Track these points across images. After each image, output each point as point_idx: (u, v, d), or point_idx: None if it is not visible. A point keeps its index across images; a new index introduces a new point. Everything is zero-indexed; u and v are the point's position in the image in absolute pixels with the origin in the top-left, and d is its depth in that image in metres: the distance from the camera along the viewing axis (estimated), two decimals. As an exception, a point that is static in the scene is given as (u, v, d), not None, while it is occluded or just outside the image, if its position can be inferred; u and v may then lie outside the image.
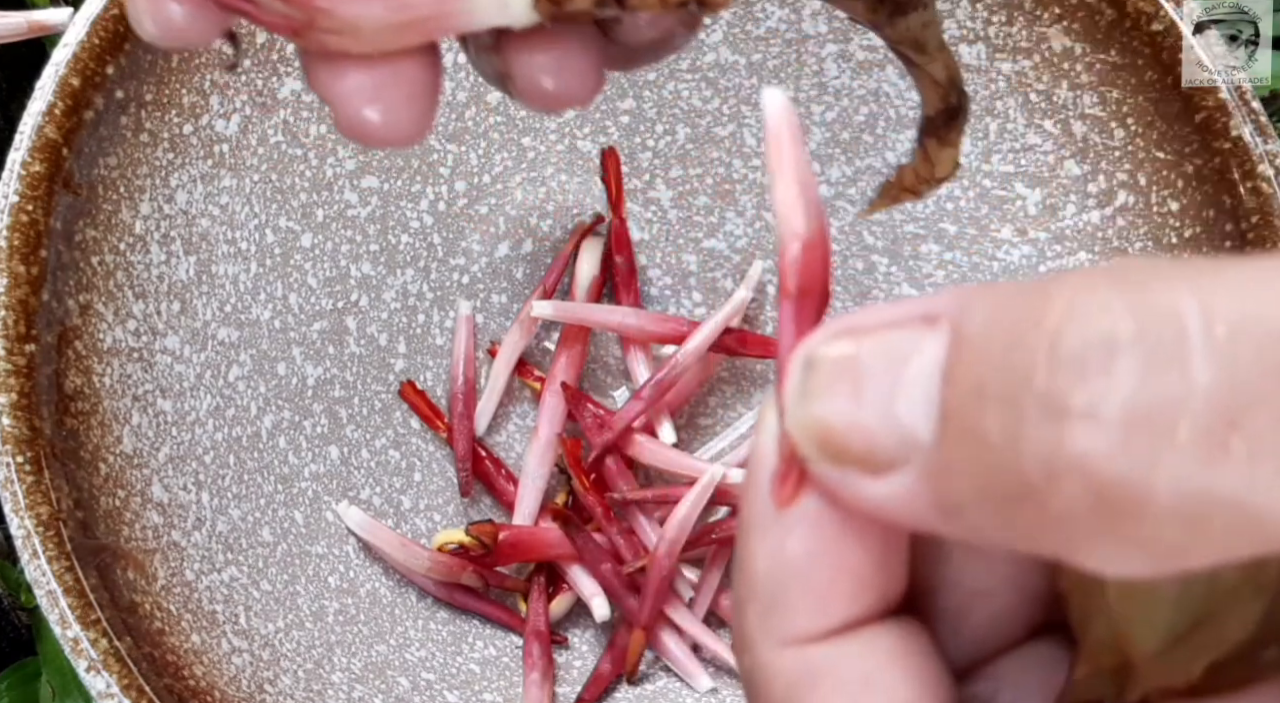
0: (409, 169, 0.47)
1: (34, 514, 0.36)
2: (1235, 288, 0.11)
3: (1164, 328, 0.11)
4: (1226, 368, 0.11)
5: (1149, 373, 0.11)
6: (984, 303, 0.13)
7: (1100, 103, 0.45)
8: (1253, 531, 0.11)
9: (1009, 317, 0.13)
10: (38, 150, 0.38)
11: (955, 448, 0.13)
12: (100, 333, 0.40)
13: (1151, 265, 0.12)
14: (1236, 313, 0.11)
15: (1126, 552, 0.12)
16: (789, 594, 0.15)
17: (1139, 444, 0.11)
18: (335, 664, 0.42)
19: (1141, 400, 0.11)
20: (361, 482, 0.46)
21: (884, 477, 0.14)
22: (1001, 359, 0.12)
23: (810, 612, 0.15)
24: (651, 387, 0.46)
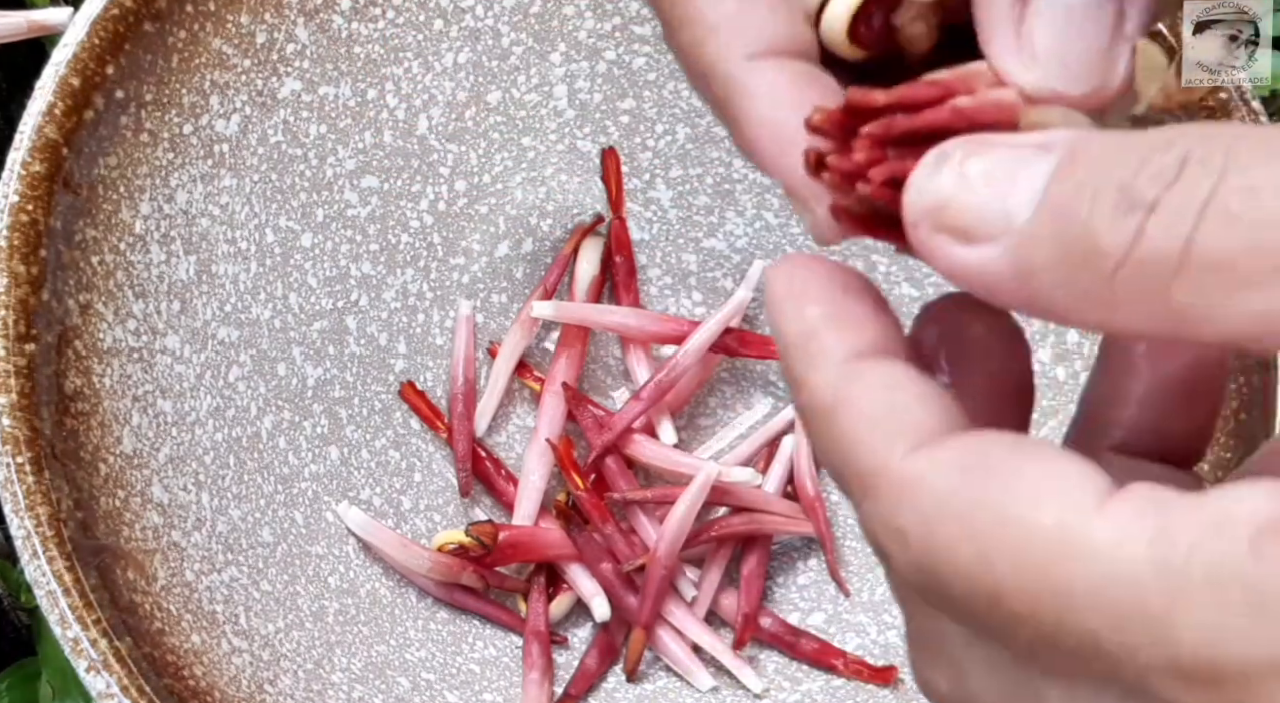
0: (409, 169, 0.47)
1: (34, 514, 0.36)
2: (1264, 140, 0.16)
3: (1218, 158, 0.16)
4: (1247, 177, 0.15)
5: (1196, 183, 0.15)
6: (1099, 136, 0.17)
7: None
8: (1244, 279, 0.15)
9: (1116, 144, 0.17)
10: (38, 150, 0.38)
11: (1047, 224, 0.17)
12: (100, 333, 0.40)
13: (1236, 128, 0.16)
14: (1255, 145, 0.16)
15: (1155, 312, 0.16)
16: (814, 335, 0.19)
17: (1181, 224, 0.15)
18: (335, 664, 0.42)
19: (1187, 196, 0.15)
20: (361, 482, 0.46)
21: (976, 246, 0.17)
22: (1106, 164, 0.16)
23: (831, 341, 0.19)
24: (651, 387, 0.46)
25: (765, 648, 0.45)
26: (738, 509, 0.46)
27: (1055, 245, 0.17)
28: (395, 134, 0.47)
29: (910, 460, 0.17)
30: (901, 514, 0.17)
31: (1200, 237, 0.15)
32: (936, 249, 0.18)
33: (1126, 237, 0.16)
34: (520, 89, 0.48)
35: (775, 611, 0.46)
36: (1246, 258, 0.15)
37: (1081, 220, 0.16)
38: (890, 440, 0.18)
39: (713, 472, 0.44)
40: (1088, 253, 0.16)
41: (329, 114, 0.45)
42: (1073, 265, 0.16)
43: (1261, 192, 0.15)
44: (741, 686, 0.44)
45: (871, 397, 0.18)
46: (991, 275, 0.17)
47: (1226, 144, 0.16)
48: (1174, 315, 0.16)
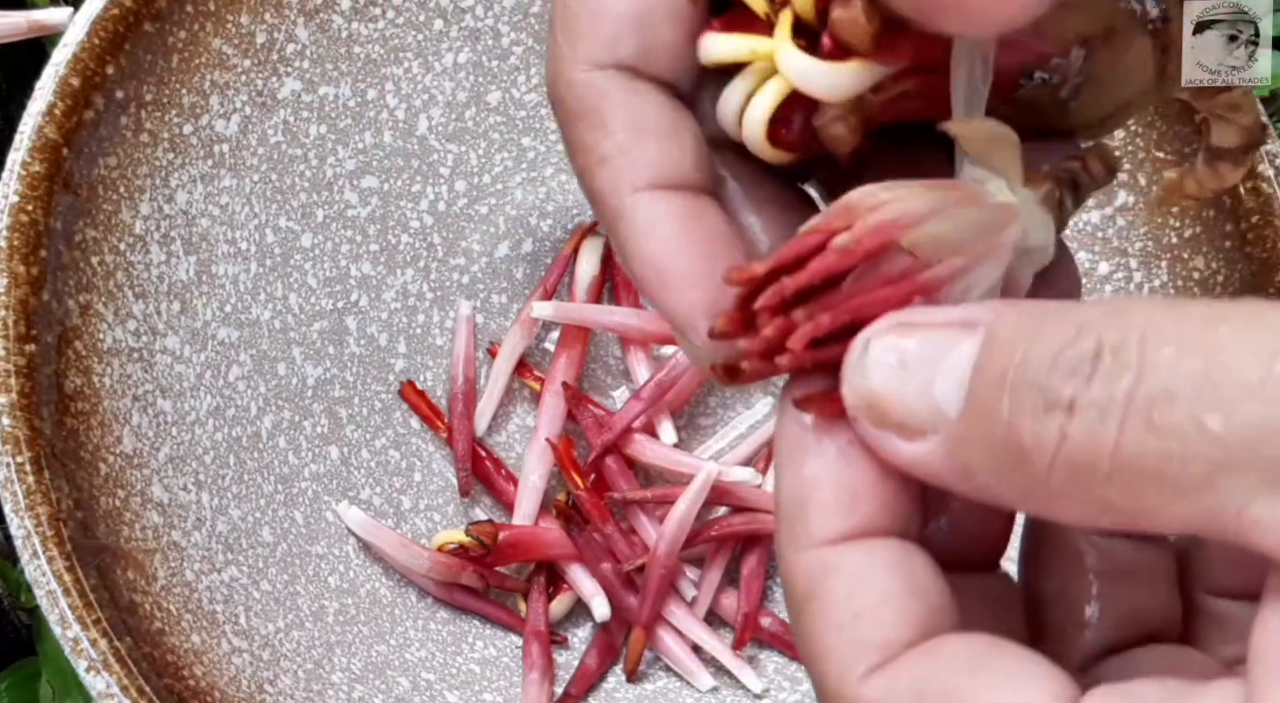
0: (409, 169, 0.47)
1: (34, 514, 0.36)
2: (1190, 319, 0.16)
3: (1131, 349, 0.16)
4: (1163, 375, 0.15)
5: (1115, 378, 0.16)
6: (1015, 315, 0.17)
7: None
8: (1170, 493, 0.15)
9: (1032, 328, 0.17)
10: (38, 150, 0.38)
11: (975, 423, 0.17)
12: (100, 333, 0.40)
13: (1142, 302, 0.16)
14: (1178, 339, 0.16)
15: (1087, 510, 0.16)
16: (808, 506, 0.18)
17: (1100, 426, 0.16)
18: (335, 664, 0.42)
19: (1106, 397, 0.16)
20: (361, 482, 0.46)
21: (915, 440, 0.18)
22: (1020, 359, 0.16)
23: (823, 519, 0.18)
24: (651, 387, 0.46)
25: (765, 648, 0.46)
26: (738, 509, 0.46)
27: (985, 445, 0.17)
28: (395, 134, 0.47)
29: (865, 687, 0.17)
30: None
31: (1124, 443, 0.16)
32: (879, 444, 0.18)
33: (1050, 440, 0.16)
34: (520, 89, 0.48)
35: (775, 610, 0.46)
36: (1174, 464, 0.15)
37: (1005, 421, 0.16)
38: (850, 658, 0.17)
39: (713, 472, 0.44)
40: (1016, 455, 0.16)
41: (329, 114, 0.45)
42: (1005, 465, 0.17)
43: (1179, 399, 0.15)
44: (741, 686, 0.44)
45: (842, 599, 0.18)
46: (935, 470, 0.18)
47: (1140, 332, 0.16)
48: (1113, 511, 0.16)
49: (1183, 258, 0.44)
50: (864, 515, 0.18)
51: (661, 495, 0.45)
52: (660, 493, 0.45)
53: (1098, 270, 0.45)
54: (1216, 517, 0.15)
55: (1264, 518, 0.15)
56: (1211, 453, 0.15)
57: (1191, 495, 0.15)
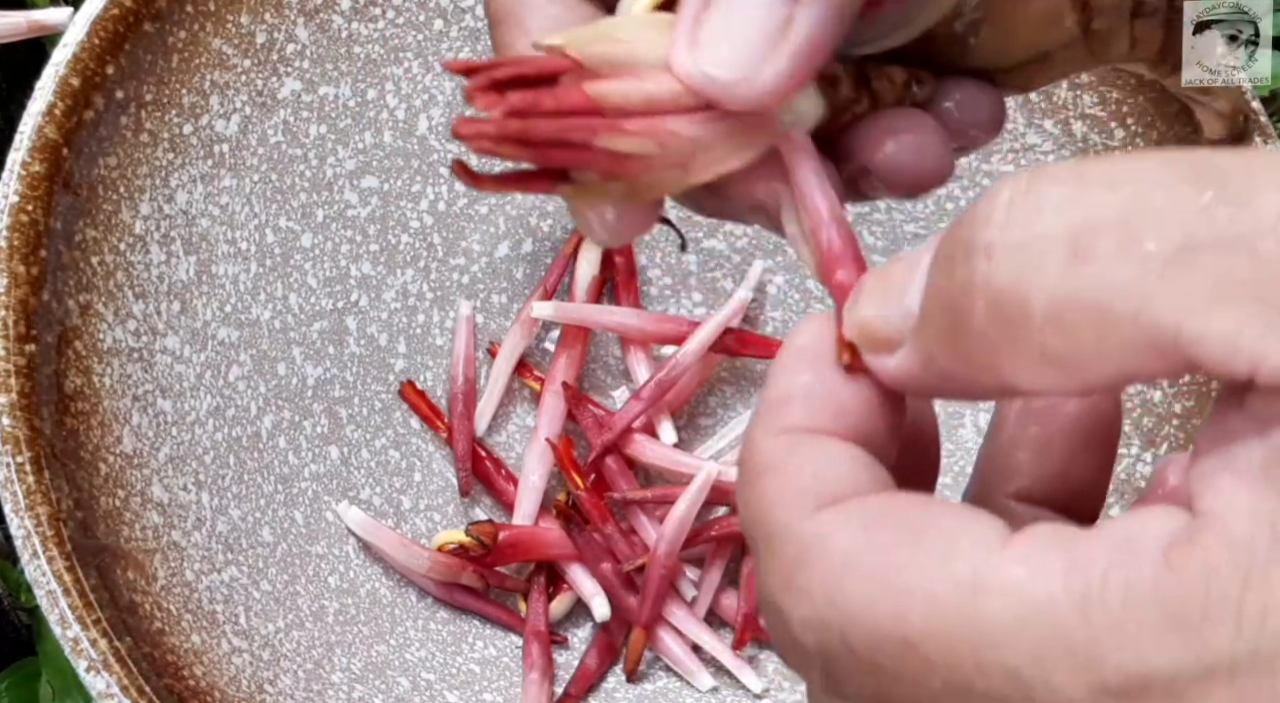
0: (409, 169, 0.47)
1: (34, 514, 0.36)
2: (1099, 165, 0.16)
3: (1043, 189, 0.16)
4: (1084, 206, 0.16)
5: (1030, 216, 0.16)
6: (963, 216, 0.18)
7: (1100, 103, 0.45)
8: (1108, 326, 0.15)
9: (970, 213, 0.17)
10: (38, 150, 0.38)
11: (927, 304, 0.17)
12: (100, 333, 0.40)
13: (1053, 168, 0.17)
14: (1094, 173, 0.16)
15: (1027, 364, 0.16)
16: (790, 400, 0.19)
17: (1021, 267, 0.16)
18: (335, 664, 0.42)
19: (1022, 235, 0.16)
20: (361, 482, 0.46)
21: (895, 352, 0.18)
22: (953, 234, 0.17)
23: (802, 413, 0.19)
24: (651, 387, 0.46)
25: (765, 648, 0.45)
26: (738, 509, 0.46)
27: (934, 322, 0.17)
28: (395, 134, 0.47)
29: (814, 519, 0.18)
30: (803, 571, 0.17)
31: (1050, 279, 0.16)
32: (874, 367, 0.19)
33: (975, 287, 0.16)
34: (520, 89, 0.48)
35: (775, 611, 0.46)
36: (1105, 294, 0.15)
37: (942, 288, 0.17)
38: (801, 502, 0.18)
39: (713, 472, 0.44)
40: (955, 318, 0.17)
41: (329, 114, 0.45)
42: (950, 335, 0.17)
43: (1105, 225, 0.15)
44: (741, 686, 0.44)
45: (799, 465, 0.18)
46: (910, 375, 0.18)
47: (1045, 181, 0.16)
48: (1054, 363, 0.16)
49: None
50: (845, 425, 0.19)
51: (661, 495, 0.45)
52: (660, 493, 0.45)
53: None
54: (1156, 342, 0.15)
55: (1206, 330, 0.15)
56: (1145, 275, 0.15)
57: (1130, 322, 0.15)
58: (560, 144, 0.19)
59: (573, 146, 0.19)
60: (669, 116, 0.20)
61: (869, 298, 0.19)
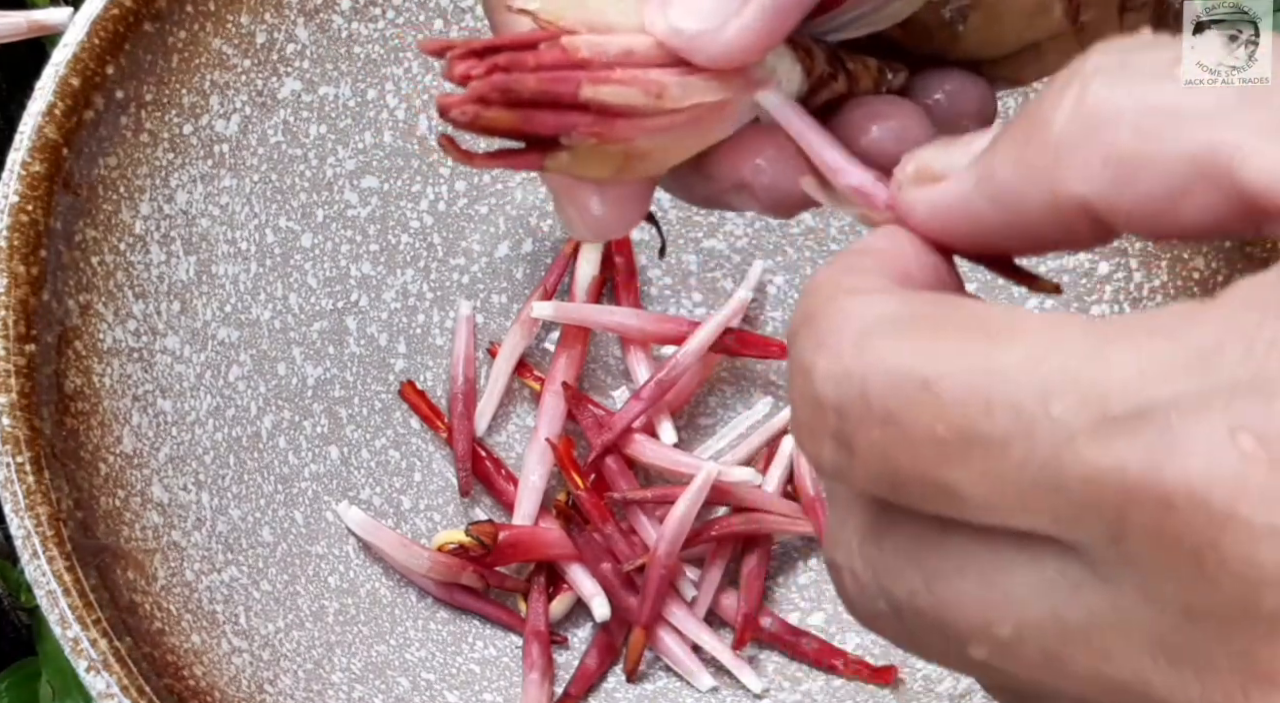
0: (409, 169, 0.47)
1: (34, 514, 0.36)
2: None
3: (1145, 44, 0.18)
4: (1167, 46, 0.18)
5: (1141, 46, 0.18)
6: None
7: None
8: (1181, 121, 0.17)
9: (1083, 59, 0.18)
10: (38, 150, 0.38)
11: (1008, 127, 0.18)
12: (100, 333, 0.40)
13: None
14: None
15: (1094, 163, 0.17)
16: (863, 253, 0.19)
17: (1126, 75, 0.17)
18: (335, 664, 0.42)
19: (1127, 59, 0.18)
20: (361, 482, 0.46)
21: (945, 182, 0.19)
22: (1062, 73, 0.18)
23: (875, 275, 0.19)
24: (651, 387, 0.46)
25: (765, 648, 0.45)
26: (738, 509, 0.46)
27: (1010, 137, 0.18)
28: (395, 134, 0.47)
29: (856, 296, 0.18)
30: (838, 333, 0.17)
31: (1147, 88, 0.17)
32: (918, 200, 0.19)
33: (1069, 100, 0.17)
34: (520, 89, 0.48)
35: (775, 611, 0.46)
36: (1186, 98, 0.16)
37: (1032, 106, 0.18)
38: (850, 283, 0.18)
39: (713, 472, 0.44)
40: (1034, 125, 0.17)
41: (329, 114, 0.45)
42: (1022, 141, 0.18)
43: None
44: (741, 686, 0.44)
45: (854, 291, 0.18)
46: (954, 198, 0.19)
47: None
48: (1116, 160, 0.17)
49: (1183, 258, 0.44)
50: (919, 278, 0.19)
51: (661, 495, 0.45)
52: (660, 493, 0.45)
53: (1098, 270, 0.45)
54: (1212, 152, 0.16)
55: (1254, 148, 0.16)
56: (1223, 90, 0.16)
57: (1197, 126, 0.16)
58: (547, 101, 0.19)
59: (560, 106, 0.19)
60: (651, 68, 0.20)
61: (934, 147, 0.20)
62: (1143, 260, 0.45)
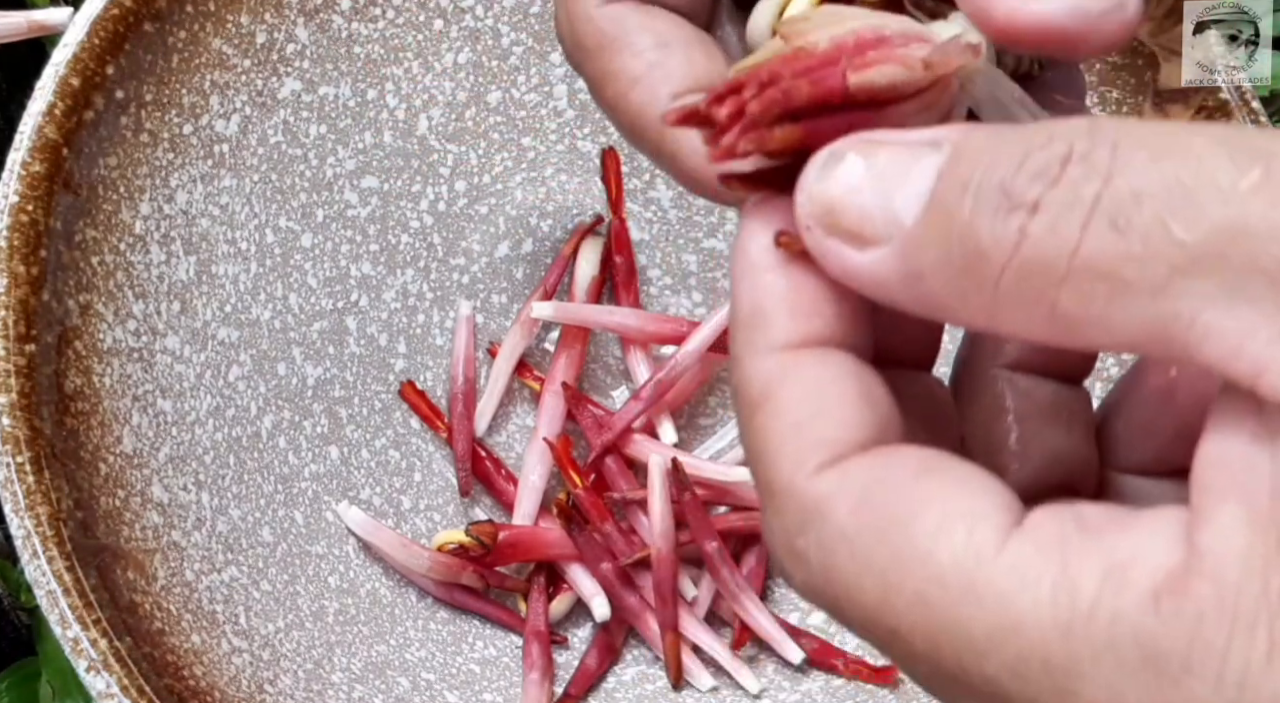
0: (409, 169, 0.47)
1: (34, 514, 0.36)
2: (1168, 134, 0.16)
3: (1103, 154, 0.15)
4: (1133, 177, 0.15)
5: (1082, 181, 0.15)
6: (985, 131, 0.17)
7: (1100, 103, 0.45)
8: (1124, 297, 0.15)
9: (1001, 139, 0.16)
10: (38, 150, 0.38)
11: (932, 225, 0.17)
12: (100, 333, 0.40)
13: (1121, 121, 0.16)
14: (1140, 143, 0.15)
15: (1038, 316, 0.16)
16: (766, 314, 0.18)
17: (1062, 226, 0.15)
18: (335, 664, 0.42)
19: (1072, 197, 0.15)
20: (361, 482, 0.46)
21: (866, 249, 0.17)
22: (988, 159, 0.16)
23: (782, 326, 0.18)
24: (651, 387, 0.46)
25: (764, 648, 0.45)
26: (737, 509, 0.46)
27: (940, 248, 0.16)
28: (395, 134, 0.47)
29: (816, 482, 0.17)
30: (803, 537, 0.17)
31: (1085, 242, 0.15)
32: (829, 253, 0.18)
33: (1009, 240, 0.16)
34: (520, 89, 0.48)
35: (775, 610, 0.46)
36: (1133, 267, 0.15)
37: (964, 221, 0.16)
38: (802, 455, 0.18)
39: (664, 462, 0.44)
40: (970, 257, 0.16)
41: (329, 114, 0.45)
42: (957, 269, 0.16)
43: (1147, 197, 0.15)
44: (740, 686, 0.44)
45: (797, 400, 0.18)
46: (882, 279, 0.17)
47: (1112, 139, 0.16)
48: (1059, 321, 0.16)
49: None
50: (821, 325, 0.18)
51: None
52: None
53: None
54: (1167, 327, 0.15)
55: (1216, 326, 0.15)
56: (1174, 256, 0.15)
57: (1146, 300, 0.15)
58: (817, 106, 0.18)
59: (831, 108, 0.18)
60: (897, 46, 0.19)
61: (845, 178, 0.18)
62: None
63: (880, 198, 0.17)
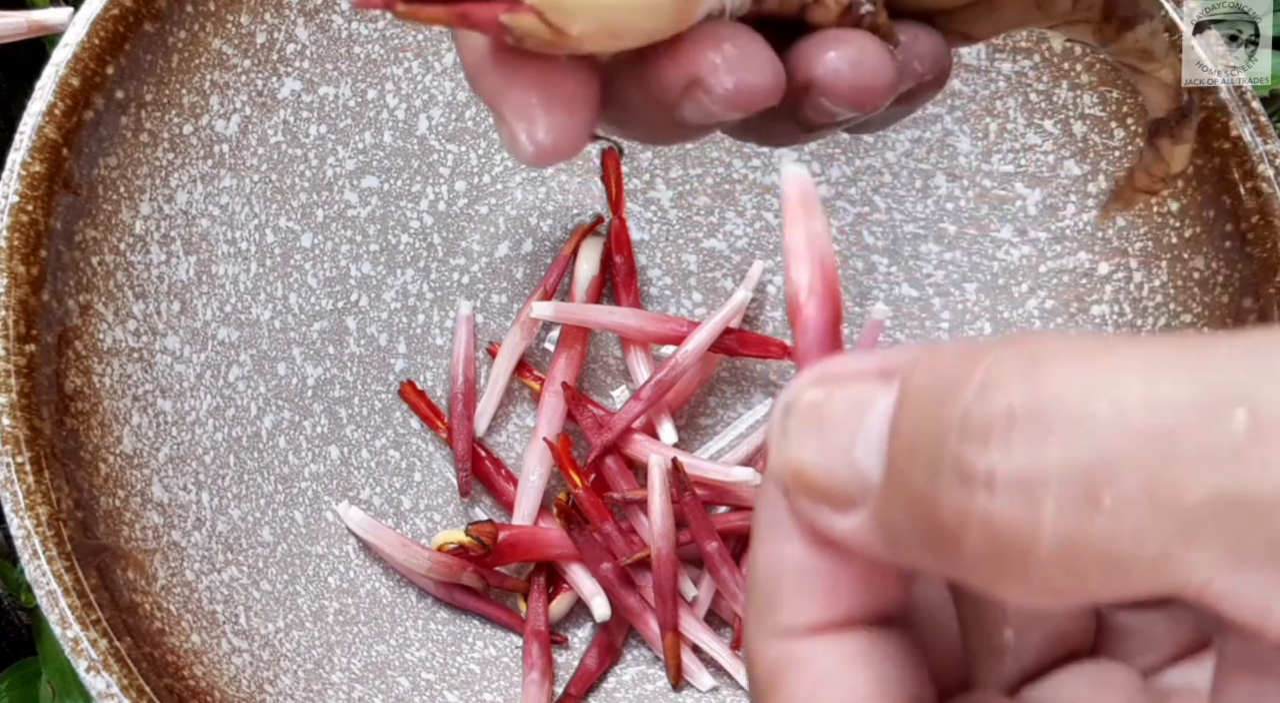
0: (409, 169, 0.47)
1: (34, 514, 0.36)
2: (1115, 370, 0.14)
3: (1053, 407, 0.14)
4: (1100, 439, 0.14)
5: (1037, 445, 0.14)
6: (925, 364, 0.15)
7: (1100, 103, 0.45)
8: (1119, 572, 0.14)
9: (939, 381, 0.15)
10: (38, 150, 0.38)
11: (894, 494, 0.15)
12: (100, 333, 0.40)
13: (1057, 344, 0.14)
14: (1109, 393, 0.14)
15: (1024, 591, 0.14)
16: (779, 592, 0.17)
17: (1027, 505, 0.14)
18: (335, 664, 0.42)
19: (1029, 469, 0.14)
20: (361, 482, 0.46)
21: (847, 513, 0.16)
22: (928, 422, 0.15)
23: (794, 609, 0.17)
24: (651, 387, 0.46)
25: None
26: (738, 509, 0.46)
27: (908, 518, 0.15)
28: (395, 134, 0.47)
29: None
30: None
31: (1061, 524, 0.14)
32: (816, 518, 0.17)
33: (973, 517, 0.14)
34: (520, 89, 0.48)
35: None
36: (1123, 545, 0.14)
37: (923, 494, 0.15)
38: None
39: (663, 462, 0.44)
40: (939, 532, 0.15)
41: (329, 114, 0.45)
42: (930, 542, 0.15)
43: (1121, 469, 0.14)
44: (741, 686, 0.44)
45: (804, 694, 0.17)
46: (869, 543, 0.16)
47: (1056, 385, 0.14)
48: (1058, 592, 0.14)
49: (1183, 258, 0.44)
50: (839, 605, 0.17)
51: (661, 495, 0.45)
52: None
53: (1098, 270, 0.45)
54: (1179, 591, 0.14)
55: (1231, 591, 0.13)
56: (1168, 528, 0.13)
57: (1147, 574, 0.14)
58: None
59: None
60: None
61: (802, 434, 0.17)
62: (1142, 260, 0.45)
63: (842, 454, 0.16)
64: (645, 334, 0.47)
